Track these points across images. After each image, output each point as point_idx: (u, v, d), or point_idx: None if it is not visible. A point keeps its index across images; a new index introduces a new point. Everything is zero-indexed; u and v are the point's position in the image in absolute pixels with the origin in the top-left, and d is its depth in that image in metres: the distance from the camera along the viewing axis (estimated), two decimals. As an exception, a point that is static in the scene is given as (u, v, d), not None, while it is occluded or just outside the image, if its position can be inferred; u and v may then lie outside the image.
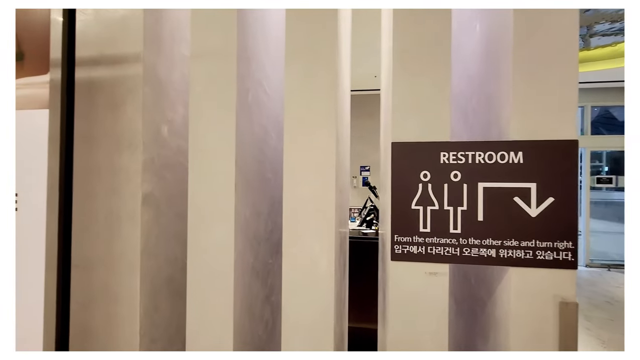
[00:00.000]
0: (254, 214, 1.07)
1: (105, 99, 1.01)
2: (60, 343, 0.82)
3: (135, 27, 0.99)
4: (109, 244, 1.00)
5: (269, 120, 1.20)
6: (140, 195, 0.99)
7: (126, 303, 0.99)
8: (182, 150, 1.17)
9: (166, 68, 1.09)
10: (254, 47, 1.07)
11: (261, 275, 1.15)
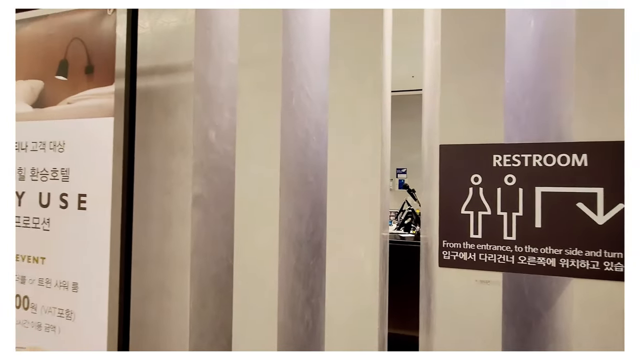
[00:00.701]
0: (296, 217, 1.09)
1: (160, 106, 1.07)
2: (123, 336, 0.88)
3: (187, 38, 1.05)
4: (162, 242, 1.06)
5: (310, 123, 1.22)
6: (190, 197, 1.04)
7: (177, 299, 1.05)
8: (228, 154, 1.21)
9: (214, 76, 1.14)
10: (297, 52, 1.09)
11: (302, 277, 1.16)
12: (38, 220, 0.94)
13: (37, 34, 0.97)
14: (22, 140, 0.97)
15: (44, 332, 0.93)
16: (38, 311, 0.94)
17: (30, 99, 0.97)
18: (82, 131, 0.91)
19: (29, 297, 0.95)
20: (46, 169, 0.94)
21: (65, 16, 0.94)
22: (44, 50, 0.96)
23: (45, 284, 0.94)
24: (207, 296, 1.12)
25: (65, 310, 0.91)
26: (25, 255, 0.96)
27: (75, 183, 0.91)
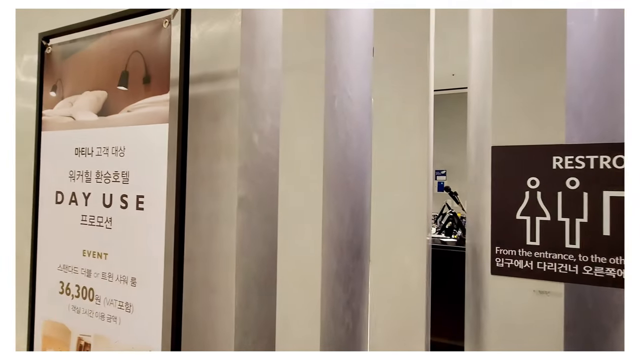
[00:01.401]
0: (337, 219, 1.09)
1: (207, 112, 1.13)
2: (176, 329, 0.93)
3: (234, 46, 1.09)
4: (209, 242, 1.11)
5: (351, 125, 1.22)
6: (236, 198, 1.08)
7: (223, 297, 1.09)
8: (270, 157, 1.25)
9: (258, 81, 1.17)
10: (340, 54, 1.09)
11: (343, 280, 1.16)
12: (102, 219, 1.03)
13: (102, 49, 1.06)
14: (88, 146, 1.07)
15: (107, 322, 1.01)
16: (101, 302, 1.02)
17: (96, 108, 1.06)
18: (140, 137, 0.98)
19: (94, 289, 1.04)
20: (109, 172, 1.03)
21: (126, 31, 1.02)
22: (108, 63, 1.04)
23: (107, 278, 1.02)
24: (250, 295, 1.15)
25: (125, 303, 0.98)
26: (91, 251, 1.05)
27: (134, 185, 0.98)
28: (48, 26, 1.42)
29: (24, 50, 1.59)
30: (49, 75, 1.16)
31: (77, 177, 1.09)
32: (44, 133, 1.16)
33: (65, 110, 1.12)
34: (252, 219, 1.15)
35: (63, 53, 1.14)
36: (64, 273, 1.10)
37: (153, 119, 0.96)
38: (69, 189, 1.10)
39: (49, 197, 1.14)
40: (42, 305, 1.14)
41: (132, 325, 0.97)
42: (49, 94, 1.16)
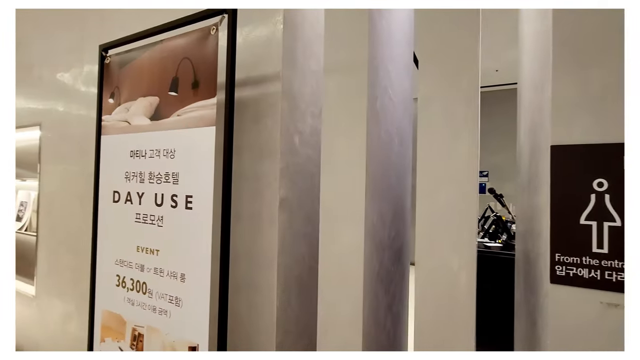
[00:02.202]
0: (379, 220, 1.07)
1: (250, 114, 1.16)
2: (220, 325, 0.97)
3: (276, 49, 1.12)
4: (252, 241, 1.14)
5: (392, 126, 1.20)
6: (278, 199, 1.10)
7: (265, 295, 1.11)
8: (310, 158, 1.26)
9: (299, 83, 1.19)
10: (382, 55, 1.08)
11: (384, 282, 1.14)
12: (154, 218, 1.09)
13: (154, 57, 1.13)
14: (142, 149, 1.14)
15: (158, 315, 1.07)
16: (153, 296, 1.08)
17: (149, 113, 1.13)
18: (189, 140, 1.03)
19: (146, 283, 1.10)
20: (160, 173, 1.09)
21: (176, 39, 1.08)
22: (159, 70, 1.11)
23: (159, 273, 1.08)
24: (291, 295, 1.16)
25: (174, 298, 1.03)
26: (144, 247, 1.12)
27: (183, 185, 1.03)
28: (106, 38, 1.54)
29: (83, 62, 1.74)
30: (107, 84, 1.25)
31: (132, 177, 1.16)
32: (103, 137, 1.25)
33: (122, 116, 1.20)
34: (293, 219, 1.16)
35: (120, 62, 1.23)
36: (120, 267, 1.18)
37: (201, 122, 1.00)
38: (125, 188, 1.18)
39: (107, 196, 1.23)
40: (101, 296, 1.23)
41: (181, 319, 1.02)
42: (107, 101, 1.25)
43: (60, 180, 1.84)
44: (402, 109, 1.31)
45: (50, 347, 1.82)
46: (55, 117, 1.87)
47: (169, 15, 1.35)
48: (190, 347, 0.99)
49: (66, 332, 1.74)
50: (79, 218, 1.72)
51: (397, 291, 1.27)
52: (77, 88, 1.77)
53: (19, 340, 1.98)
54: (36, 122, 1.96)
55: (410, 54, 1.41)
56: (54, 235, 1.85)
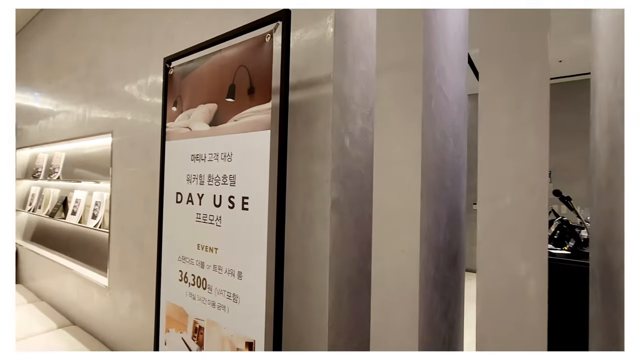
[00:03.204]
0: (435, 223, 1.04)
1: (302, 117, 1.18)
2: (275, 323, 1.00)
3: (326, 52, 1.13)
4: (304, 242, 1.16)
5: (447, 125, 1.15)
6: (329, 200, 1.11)
7: (317, 296, 1.12)
8: (360, 159, 1.25)
9: (349, 85, 1.19)
10: (436, 51, 1.04)
11: (440, 288, 1.10)
12: (213, 218, 1.16)
13: (213, 66, 1.20)
14: (201, 153, 1.21)
15: (217, 310, 1.13)
16: (213, 292, 1.15)
17: (208, 119, 1.20)
18: (245, 143, 1.07)
19: (206, 279, 1.17)
20: (219, 176, 1.15)
21: (233, 48, 1.14)
22: (217, 78, 1.17)
23: (217, 270, 1.14)
24: (342, 296, 1.16)
25: (232, 294, 1.08)
26: (204, 245, 1.19)
27: (240, 187, 1.08)
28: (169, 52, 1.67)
29: (148, 74, 1.90)
30: (171, 93, 1.36)
31: (193, 180, 1.24)
32: (167, 142, 1.35)
33: (184, 122, 1.29)
34: (344, 220, 1.16)
35: (182, 73, 1.32)
36: (182, 263, 1.27)
37: (256, 127, 1.04)
38: (186, 190, 1.26)
39: (170, 197, 1.33)
40: (166, 289, 1.32)
41: (238, 315, 1.06)
42: (171, 109, 1.35)
43: (128, 182, 2.03)
44: (456, 107, 1.25)
45: (120, 332, 2.01)
46: (124, 125, 2.07)
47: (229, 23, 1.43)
48: (247, 343, 1.03)
49: (134, 319, 1.91)
50: (144, 216, 1.88)
51: (453, 298, 1.21)
52: (143, 98, 1.93)
53: (95, 326, 2.21)
54: (109, 130, 2.18)
55: (465, 48, 1.34)
56: (123, 232, 2.04)
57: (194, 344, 1.19)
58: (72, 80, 2.63)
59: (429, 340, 1.01)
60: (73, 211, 2.59)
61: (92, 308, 2.25)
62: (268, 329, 1.00)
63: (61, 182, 2.80)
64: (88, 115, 2.42)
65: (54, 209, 2.82)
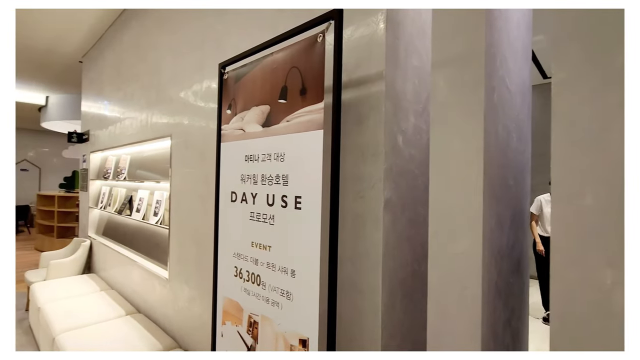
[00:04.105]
0: (497, 225, 0.97)
1: (353, 116, 1.17)
2: (329, 324, 1.00)
3: (378, 48, 1.10)
4: (355, 242, 1.15)
5: (510, 119, 1.07)
6: (382, 200, 1.08)
7: (369, 298, 1.11)
8: (413, 158, 1.21)
9: (401, 81, 1.15)
10: (498, 41, 0.97)
11: (503, 295, 1.02)
12: (266, 216, 1.19)
13: (265, 69, 1.23)
14: (255, 153, 1.26)
15: (271, 306, 1.16)
16: (266, 288, 1.18)
17: (261, 121, 1.24)
18: (297, 143, 1.09)
19: (260, 276, 1.21)
20: (271, 175, 1.18)
21: (285, 50, 1.16)
22: (270, 81, 1.21)
23: (271, 267, 1.17)
24: (395, 298, 1.13)
25: (285, 291, 1.11)
26: (258, 243, 1.23)
27: (292, 187, 1.10)
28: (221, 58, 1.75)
29: (203, 80, 2.01)
30: (225, 97, 1.42)
31: (247, 180, 1.29)
32: (223, 144, 1.42)
33: (237, 124, 1.34)
34: (397, 221, 1.14)
35: (236, 77, 1.37)
36: (237, 260, 1.32)
37: (309, 127, 1.05)
38: (241, 189, 1.31)
39: (225, 196, 1.39)
40: (222, 284, 1.39)
41: (292, 312, 1.08)
42: (225, 112, 1.41)
43: (185, 182, 2.17)
44: (519, 99, 1.16)
45: (179, 322, 2.15)
46: (181, 129, 2.21)
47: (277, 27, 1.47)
48: (301, 340, 1.05)
49: (191, 311, 2.03)
50: (200, 214, 2.00)
51: (517, 305, 1.13)
52: (198, 103, 2.05)
53: (157, 314, 2.40)
54: (168, 133, 2.34)
55: (529, 36, 1.24)
56: (181, 229, 2.19)
57: (249, 337, 1.24)
58: (136, 88, 2.87)
59: (492, 347, 0.95)
60: (137, 209, 2.83)
61: (154, 298, 2.45)
62: (321, 328, 1.01)
63: (127, 182, 3.07)
64: (150, 120, 2.62)
65: (121, 206, 3.11)
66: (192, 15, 2.14)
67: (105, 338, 2.08)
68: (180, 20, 2.26)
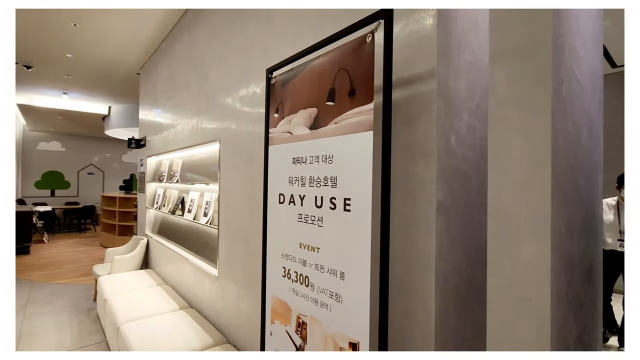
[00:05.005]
0: (567, 230, 0.89)
1: (401, 116, 1.14)
2: (380, 328, 0.98)
3: (428, 45, 1.07)
4: (405, 245, 1.12)
5: (580, 114, 0.97)
6: (434, 202, 1.04)
7: (421, 302, 1.07)
8: (466, 158, 1.15)
9: (454, 78, 1.10)
10: (567, 29, 0.89)
11: (574, 306, 0.93)
12: (315, 218, 1.20)
13: (312, 72, 1.25)
14: (302, 155, 1.27)
15: (319, 308, 1.17)
16: (315, 290, 1.19)
17: (308, 123, 1.25)
18: (346, 145, 1.09)
19: (309, 277, 1.22)
20: (320, 177, 1.19)
21: (333, 52, 1.16)
22: (317, 84, 1.22)
23: (319, 269, 1.17)
24: (449, 305, 1.08)
25: (335, 294, 1.11)
26: (306, 244, 1.24)
27: (341, 189, 1.10)
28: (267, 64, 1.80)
29: (249, 86, 2.08)
30: (273, 101, 1.46)
31: (294, 182, 1.31)
32: (270, 147, 1.45)
33: (285, 127, 1.37)
34: (450, 224, 1.09)
35: (283, 81, 1.40)
36: (285, 260, 1.34)
37: (358, 128, 1.04)
38: (289, 191, 1.34)
39: (273, 198, 1.43)
40: (271, 283, 1.43)
41: (342, 315, 1.07)
42: (273, 116, 1.45)
43: (233, 184, 2.26)
44: (590, 91, 1.05)
45: (227, 318, 2.24)
46: (229, 133, 2.31)
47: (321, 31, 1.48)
48: (351, 343, 1.04)
49: (239, 308, 2.11)
50: (248, 215, 2.07)
51: (589, 319, 1.02)
52: (244, 108, 2.13)
53: (207, 310, 2.52)
54: (216, 138, 2.46)
55: (600, 21, 1.12)
56: (230, 229, 2.28)
57: (297, 337, 1.26)
58: (187, 96, 3.06)
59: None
60: (189, 209, 3.00)
61: (204, 294, 2.58)
62: (372, 332, 0.99)
63: (179, 184, 3.28)
64: (200, 126, 2.78)
65: (174, 207, 3.32)
66: (239, 24, 2.23)
67: (163, 329, 2.22)
68: (228, 31, 2.36)
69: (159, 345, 2.02)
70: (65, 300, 3.91)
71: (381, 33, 1.01)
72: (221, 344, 2.11)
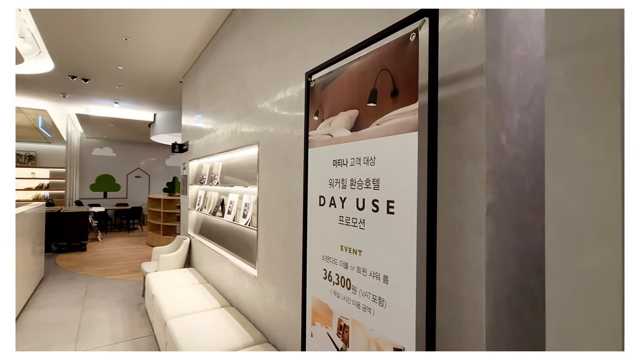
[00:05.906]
0: None
1: (447, 116, 1.10)
2: (428, 333, 0.95)
3: (476, 41, 1.02)
4: (451, 249, 1.08)
5: (653, 109, 0.88)
6: (484, 205, 0.99)
7: (470, 311, 1.02)
8: (518, 158, 1.08)
9: (504, 75, 1.05)
10: (637, 15, 0.81)
11: (649, 321, 0.84)
12: (356, 220, 1.19)
13: (353, 73, 1.24)
14: (343, 158, 1.27)
15: (362, 311, 1.15)
16: (357, 293, 1.18)
17: (349, 125, 1.25)
18: (389, 147, 1.07)
19: (350, 280, 1.21)
20: (361, 179, 1.18)
21: (374, 53, 1.15)
22: (358, 85, 1.21)
23: (362, 272, 1.16)
24: (501, 314, 1.03)
25: (377, 297, 1.09)
26: (347, 247, 1.24)
27: (384, 191, 1.08)
28: (305, 67, 1.82)
29: (287, 90, 2.12)
30: (312, 104, 1.47)
31: (335, 184, 1.31)
32: (310, 150, 1.47)
33: (325, 130, 1.38)
34: (501, 228, 1.03)
35: (322, 84, 1.41)
36: (326, 262, 1.35)
37: (401, 129, 1.02)
38: (329, 193, 1.34)
39: (314, 200, 1.44)
40: (311, 285, 1.44)
41: (385, 319, 1.05)
42: (312, 119, 1.46)
43: (272, 186, 2.31)
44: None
45: (267, 318, 2.29)
46: (267, 136, 2.37)
47: (359, 32, 1.48)
48: (395, 349, 1.02)
49: (279, 308, 2.15)
50: (287, 217, 2.11)
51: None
52: (282, 112, 2.17)
53: (247, 309, 2.59)
54: (255, 141, 2.53)
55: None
56: (269, 230, 2.33)
57: (339, 340, 1.25)
58: (227, 102, 3.18)
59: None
60: (228, 211, 3.11)
61: (244, 294, 2.65)
62: (419, 338, 0.96)
63: (219, 186, 3.41)
64: (239, 130, 2.87)
65: (215, 208, 3.46)
66: (276, 29, 2.28)
67: (206, 326, 2.32)
68: (265, 35, 2.43)
69: (203, 340, 2.10)
70: (118, 294, 4.21)
71: (425, 30, 0.99)
72: (261, 343, 2.16)
